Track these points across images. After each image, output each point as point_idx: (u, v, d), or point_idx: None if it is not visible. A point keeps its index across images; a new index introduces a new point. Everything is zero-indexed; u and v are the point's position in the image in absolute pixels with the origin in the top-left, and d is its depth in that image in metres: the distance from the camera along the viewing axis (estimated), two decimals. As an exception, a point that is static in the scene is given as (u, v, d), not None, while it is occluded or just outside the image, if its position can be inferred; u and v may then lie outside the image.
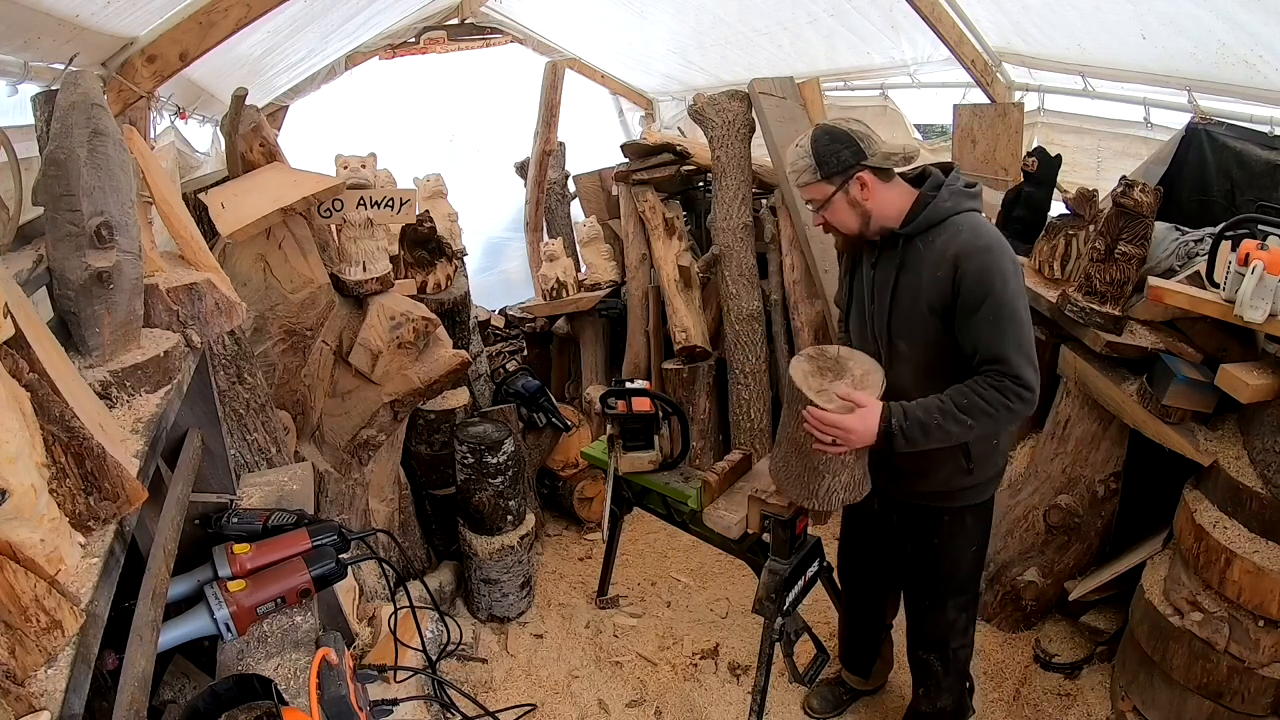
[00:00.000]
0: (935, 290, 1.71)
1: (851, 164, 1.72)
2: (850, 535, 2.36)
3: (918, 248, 1.74)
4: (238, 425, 1.98)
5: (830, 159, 1.71)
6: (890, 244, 1.80)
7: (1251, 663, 1.96)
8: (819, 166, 1.73)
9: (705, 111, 3.52)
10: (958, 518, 1.97)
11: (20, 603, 0.71)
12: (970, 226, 1.71)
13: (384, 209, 2.71)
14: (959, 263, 1.67)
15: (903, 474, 1.95)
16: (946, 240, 1.70)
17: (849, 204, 1.76)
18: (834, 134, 1.72)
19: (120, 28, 1.93)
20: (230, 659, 1.30)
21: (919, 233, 1.74)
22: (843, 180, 1.73)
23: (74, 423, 0.86)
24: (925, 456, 1.85)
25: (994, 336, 1.65)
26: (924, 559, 2.05)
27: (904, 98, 3.96)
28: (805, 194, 1.82)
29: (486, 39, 5.02)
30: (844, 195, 1.74)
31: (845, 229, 1.81)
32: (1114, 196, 2.29)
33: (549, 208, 4.97)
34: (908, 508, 2.02)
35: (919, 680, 2.22)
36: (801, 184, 1.78)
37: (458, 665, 2.69)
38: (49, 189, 1.13)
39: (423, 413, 3.00)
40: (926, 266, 1.72)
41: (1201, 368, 2.20)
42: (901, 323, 1.80)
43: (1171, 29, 2.44)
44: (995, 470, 1.96)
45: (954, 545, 2.00)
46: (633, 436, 2.59)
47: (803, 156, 1.74)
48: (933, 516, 1.98)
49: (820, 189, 1.76)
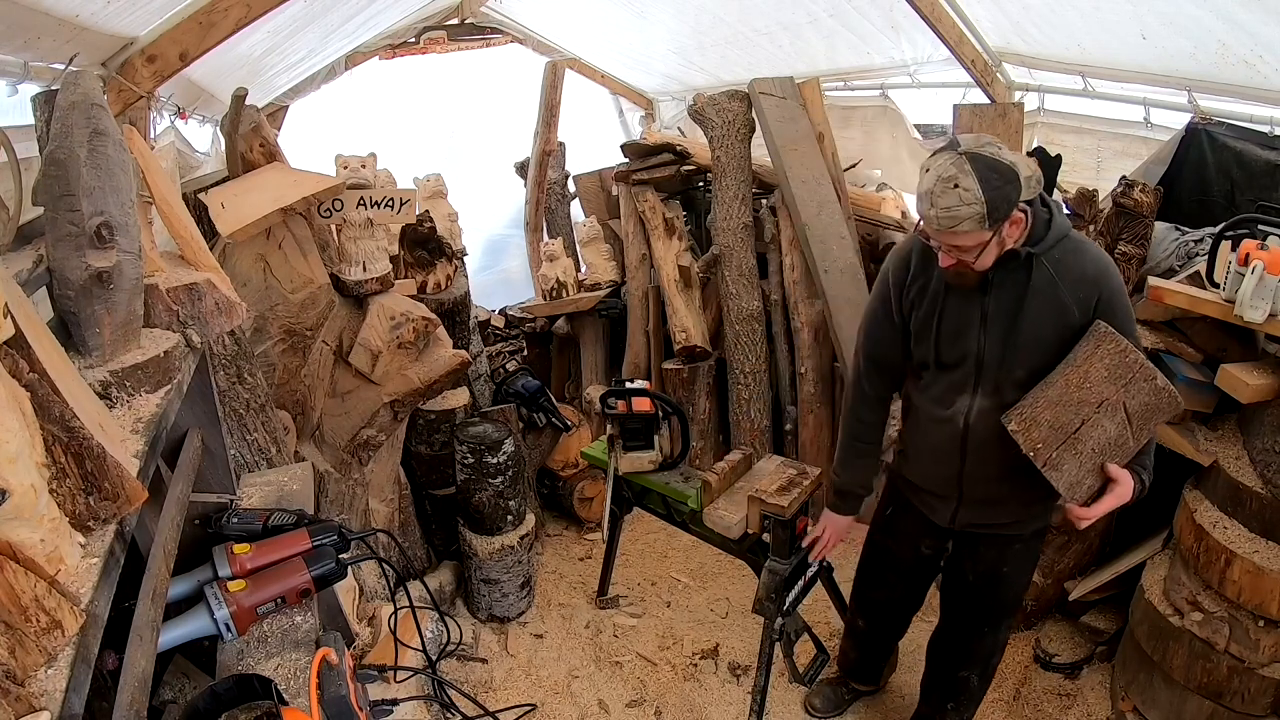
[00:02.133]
0: (1079, 310, 1.60)
1: (1015, 202, 1.49)
2: (878, 568, 2.23)
3: (1045, 267, 1.60)
4: (238, 425, 1.98)
5: (1002, 204, 1.46)
6: (1014, 268, 1.61)
7: (1251, 663, 1.96)
8: (990, 214, 1.46)
9: (705, 111, 3.52)
10: (1029, 544, 1.93)
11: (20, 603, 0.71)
12: (1089, 242, 1.67)
13: (384, 209, 2.71)
14: (1099, 281, 1.59)
15: (974, 504, 1.86)
16: (1079, 259, 1.60)
17: (999, 244, 1.55)
18: (1002, 171, 1.46)
19: (120, 28, 1.93)
20: (230, 659, 1.30)
21: (1046, 250, 1.59)
22: (1004, 222, 1.51)
23: (74, 423, 0.86)
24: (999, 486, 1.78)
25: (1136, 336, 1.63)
26: (989, 586, 1.98)
27: (904, 98, 3.96)
28: (953, 240, 1.53)
29: (486, 39, 5.02)
30: (998, 237, 1.52)
31: (983, 266, 1.58)
32: (1114, 196, 2.30)
33: (549, 208, 4.97)
34: (974, 538, 1.94)
35: (950, 696, 2.15)
36: (960, 230, 1.49)
37: (458, 665, 2.69)
38: (49, 189, 1.13)
39: (423, 413, 3.00)
40: (1065, 287, 1.59)
41: (1201, 368, 2.21)
42: (1031, 347, 1.64)
43: (1171, 29, 2.44)
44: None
45: (1022, 570, 1.97)
46: (633, 436, 2.59)
47: (971, 203, 1.45)
48: (1004, 544, 1.91)
49: (979, 236, 1.50)
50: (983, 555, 1.95)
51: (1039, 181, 1.57)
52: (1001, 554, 1.92)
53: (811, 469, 2.36)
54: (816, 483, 2.31)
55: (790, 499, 2.17)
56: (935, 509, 1.95)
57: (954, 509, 1.90)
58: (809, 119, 3.53)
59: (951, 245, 1.56)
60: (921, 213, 1.55)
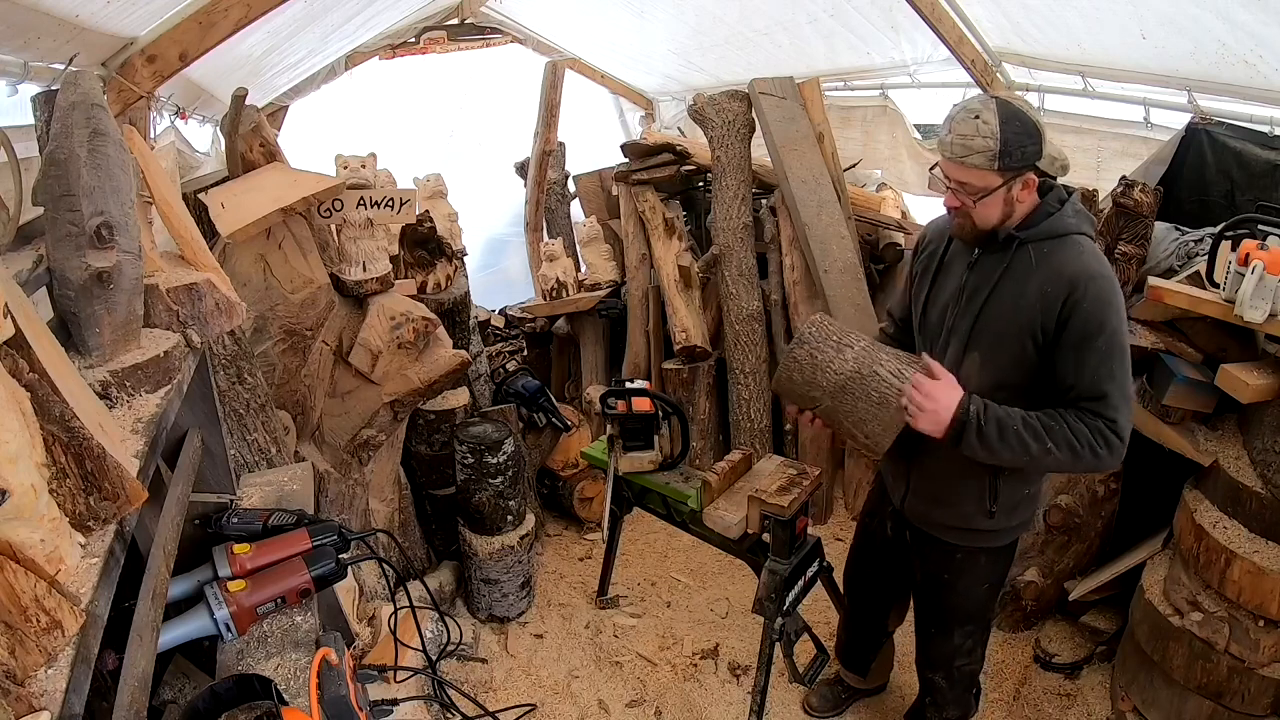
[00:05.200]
0: (1041, 306, 1.56)
1: (1031, 162, 1.53)
2: (861, 547, 2.28)
3: (1029, 256, 1.59)
4: (238, 425, 1.98)
5: (1016, 151, 1.50)
6: (998, 247, 1.64)
7: (1251, 663, 1.96)
8: (1002, 155, 1.49)
9: (705, 111, 3.52)
10: (971, 558, 1.86)
11: (20, 603, 0.71)
12: (1092, 251, 1.58)
13: (384, 209, 2.71)
14: (1076, 284, 1.52)
15: (921, 495, 1.87)
16: (1065, 257, 1.56)
17: (1004, 201, 1.57)
18: (1025, 123, 1.50)
19: (120, 28, 1.93)
20: (230, 659, 1.30)
21: (1035, 240, 1.59)
22: (1014, 176, 1.53)
23: (74, 423, 0.86)
24: (948, 484, 1.78)
25: (1102, 373, 1.52)
26: (932, 589, 1.98)
27: (904, 98, 3.96)
28: (961, 174, 1.56)
29: (486, 39, 5.02)
30: (1005, 191, 1.55)
31: (984, 223, 1.61)
32: (1114, 196, 2.30)
33: (549, 208, 4.97)
34: (921, 535, 1.93)
35: (925, 692, 2.18)
36: (969, 164, 1.52)
37: (458, 665, 2.69)
38: (49, 189, 1.13)
39: (423, 413, 3.00)
40: (1035, 279, 1.57)
41: (1201, 368, 2.21)
42: (985, 332, 1.65)
43: (1171, 29, 2.44)
44: (1020, 521, 1.83)
45: (964, 583, 1.90)
46: (633, 436, 2.58)
47: (986, 135, 1.49)
48: (947, 551, 1.88)
49: (986, 177, 1.53)
50: (928, 556, 1.94)
51: (1063, 168, 1.57)
52: (942, 560, 1.90)
53: (811, 469, 2.36)
54: (816, 482, 2.31)
55: (790, 499, 2.17)
56: (893, 488, 1.98)
57: (904, 492, 1.91)
58: (809, 119, 3.53)
59: (958, 181, 1.57)
60: (939, 139, 1.58)
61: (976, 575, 1.89)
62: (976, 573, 1.89)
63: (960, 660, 2.04)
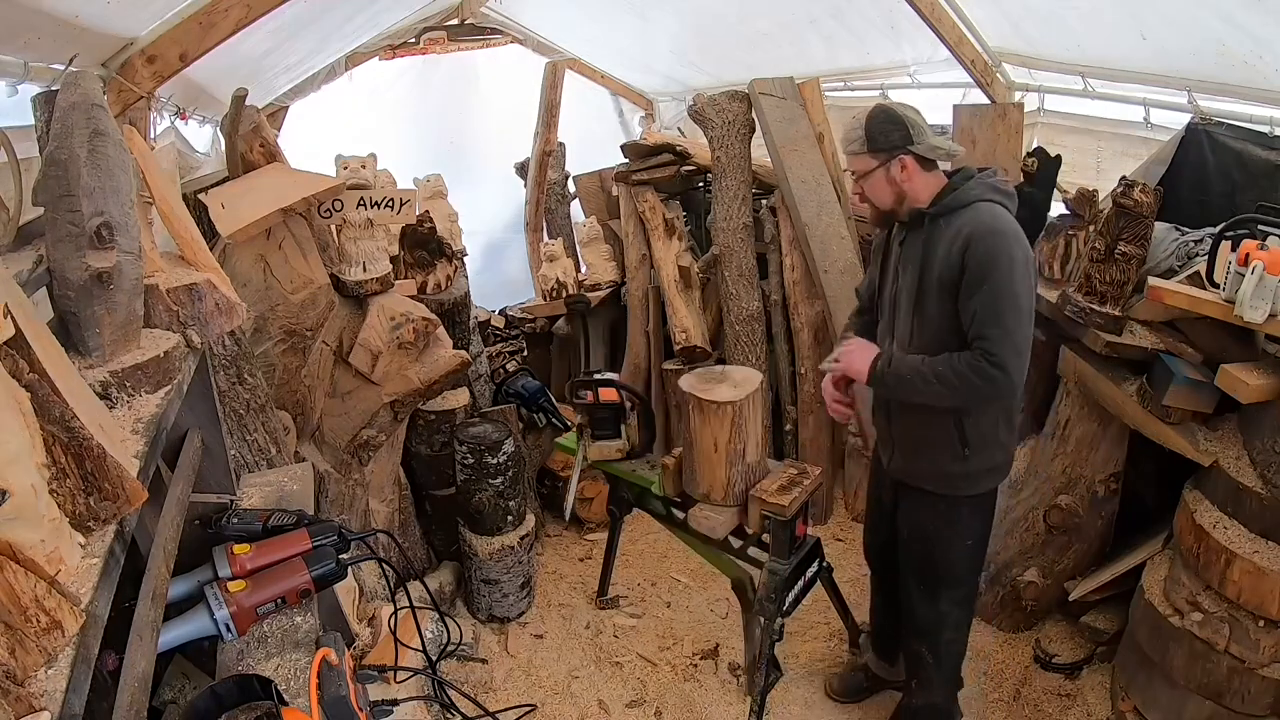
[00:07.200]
0: (947, 265, 1.81)
1: (898, 146, 1.84)
2: (871, 517, 2.42)
3: (940, 226, 1.85)
4: (238, 425, 1.98)
5: (879, 136, 1.85)
6: (917, 224, 1.92)
7: (1251, 663, 1.96)
8: (867, 140, 1.87)
9: (705, 112, 3.52)
10: (953, 507, 2.01)
11: (20, 603, 0.71)
12: (989, 212, 1.81)
13: (384, 209, 2.71)
14: (970, 241, 1.77)
15: (904, 449, 2.05)
16: (964, 221, 1.81)
17: (887, 181, 1.89)
18: (889, 115, 1.86)
19: (120, 28, 1.93)
20: (230, 659, 1.29)
21: (943, 214, 1.85)
22: (887, 158, 1.86)
23: (74, 423, 0.86)
24: (923, 434, 1.97)
25: (985, 315, 1.75)
26: (917, 544, 2.08)
27: (904, 98, 3.95)
28: (851, 163, 1.96)
29: (486, 39, 5.01)
30: (884, 172, 1.88)
31: (879, 203, 1.94)
32: (1114, 197, 2.30)
33: (549, 208, 4.97)
34: (906, 490, 2.09)
35: (911, 672, 2.23)
36: (849, 152, 1.93)
37: (458, 666, 2.69)
38: (49, 189, 1.13)
39: (423, 413, 3.00)
40: (943, 243, 1.83)
41: (1201, 368, 2.20)
42: (922, 297, 1.90)
43: (1171, 29, 2.44)
44: (993, 463, 1.98)
45: (948, 535, 2.02)
46: (601, 425, 2.68)
47: (856, 128, 1.88)
48: (930, 501, 2.03)
49: (864, 161, 1.90)
50: (911, 509, 2.09)
51: (948, 155, 1.87)
52: (927, 512, 2.04)
53: (812, 469, 2.36)
54: (817, 482, 2.31)
55: (790, 498, 2.17)
56: (884, 454, 2.16)
57: (891, 451, 2.10)
58: (809, 119, 3.53)
59: (852, 170, 1.96)
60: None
61: (960, 527, 2.02)
62: (959, 525, 2.02)
63: (947, 633, 2.10)
